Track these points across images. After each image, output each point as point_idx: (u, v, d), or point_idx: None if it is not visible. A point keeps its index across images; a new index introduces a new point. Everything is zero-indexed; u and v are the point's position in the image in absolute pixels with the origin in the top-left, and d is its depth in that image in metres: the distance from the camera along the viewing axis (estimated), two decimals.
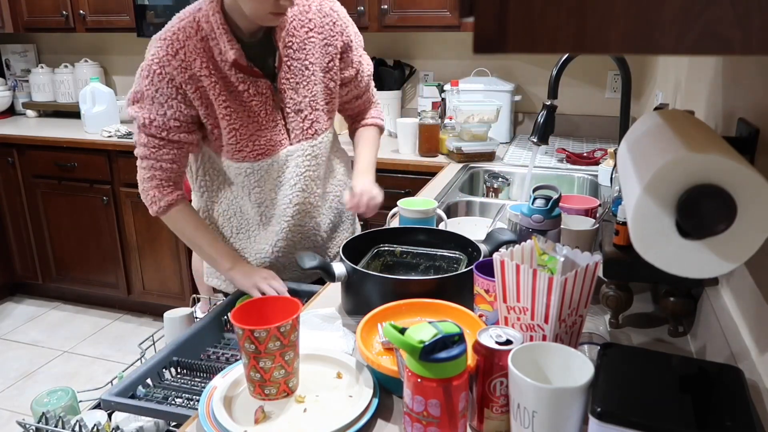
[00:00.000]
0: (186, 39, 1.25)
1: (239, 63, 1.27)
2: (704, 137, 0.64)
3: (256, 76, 1.30)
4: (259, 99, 1.32)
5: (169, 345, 1.23)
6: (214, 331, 1.35)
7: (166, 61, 1.25)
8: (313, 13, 1.36)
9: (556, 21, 0.41)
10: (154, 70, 1.25)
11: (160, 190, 1.34)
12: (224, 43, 1.25)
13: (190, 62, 1.25)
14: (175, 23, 1.27)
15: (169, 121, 1.28)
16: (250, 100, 1.31)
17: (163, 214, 1.37)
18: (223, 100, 1.29)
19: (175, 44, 1.25)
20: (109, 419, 1.29)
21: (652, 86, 2.32)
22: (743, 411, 0.62)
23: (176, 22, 1.28)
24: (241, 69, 1.28)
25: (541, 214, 1.13)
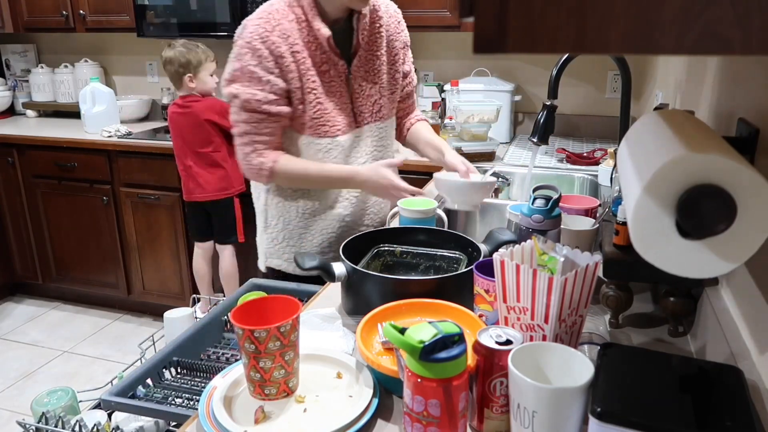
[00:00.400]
0: (280, 18, 1.38)
1: (330, 42, 1.40)
2: (704, 137, 0.64)
3: (337, 58, 1.43)
4: (337, 81, 1.45)
5: (169, 345, 1.23)
6: (214, 331, 1.35)
7: (266, 35, 1.35)
8: (383, 12, 1.51)
9: (556, 21, 0.41)
10: (255, 45, 1.35)
11: (263, 156, 1.43)
12: (318, 23, 1.38)
13: (286, 37, 1.37)
14: (266, 8, 1.39)
15: (268, 95, 1.38)
16: (330, 81, 1.44)
17: (273, 175, 1.45)
18: (312, 74, 1.41)
19: (272, 21, 1.37)
20: (109, 419, 1.29)
21: (652, 86, 2.32)
22: (743, 411, 0.62)
23: (267, 7, 1.39)
24: (330, 48, 1.41)
25: (541, 214, 1.13)
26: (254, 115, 1.39)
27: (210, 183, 2.68)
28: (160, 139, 2.97)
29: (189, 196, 2.73)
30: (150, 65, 3.58)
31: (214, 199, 2.70)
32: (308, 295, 1.32)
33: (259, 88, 1.37)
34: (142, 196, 2.98)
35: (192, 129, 2.63)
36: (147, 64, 3.58)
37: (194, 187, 2.69)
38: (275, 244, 1.58)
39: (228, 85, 1.40)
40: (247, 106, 1.38)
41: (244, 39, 1.37)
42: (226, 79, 1.41)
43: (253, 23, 1.37)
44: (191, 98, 2.64)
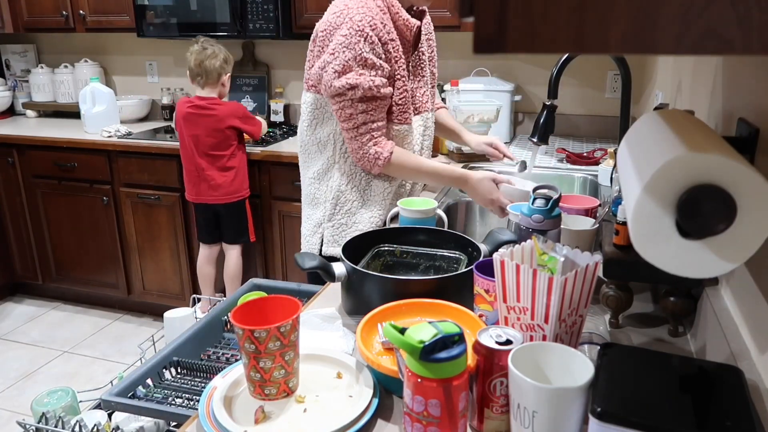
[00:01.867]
0: (373, 8, 1.43)
1: (419, 31, 1.50)
2: (704, 137, 0.64)
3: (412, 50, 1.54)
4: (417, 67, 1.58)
5: (169, 345, 1.23)
6: (214, 332, 1.35)
7: (374, 22, 1.40)
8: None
9: (556, 21, 0.41)
10: (366, 32, 1.38)
11: (379, 146, 1.49)
12: (404, 13, 1.46)
13: (384, 25, 1.43)
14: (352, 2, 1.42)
15: (383, 80, 1.43)
16: (414, 68, 1.56)
17: (387, 165, 1.50)
18: (402, 62, 1.49)
19: (372, 10, 1.42)
20: (109, 419, 1.29)
21: (652, 86, 2.32)
22: (743, 411, 0.62)
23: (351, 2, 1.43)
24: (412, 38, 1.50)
25: (541, 214, 1.13)
26: (372, 102, 1.42)
27: (223, 186, 2.66)
28: (160, 139, 2.97)
29: (198, 197, 2.70)
30: (150, 65, 3.57)
31: (227, 202, 2.70)
32: (308, 295, 1.32)
33: (375, 74, 1.41)
34: (142, 196, 2.98)
35: (212, 132, 2.61)
36: (147, 64, 3.58)
37: (206, 189, 2.67)
38: (343, 229, 1.59)
39: (340, 77, 1.39)
40: (369, 93, 1.40)
41: (352, 27, 1.37)
42: (337, 71, 1.39)
43: (358, 12, 1.39)
44: (213, 101, 2.61)
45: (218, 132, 2.60)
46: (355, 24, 1.37)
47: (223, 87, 2.65)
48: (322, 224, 1.62)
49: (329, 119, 1.53)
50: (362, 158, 1.49)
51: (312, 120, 1.55)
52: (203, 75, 2.59)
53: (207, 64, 2.58)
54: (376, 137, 1.47)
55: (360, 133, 1.46)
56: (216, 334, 1.35)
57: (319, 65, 1.44)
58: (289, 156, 2.67)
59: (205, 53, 2.57)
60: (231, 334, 1.37)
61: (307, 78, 1.52)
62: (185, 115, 2.62)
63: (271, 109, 3.28)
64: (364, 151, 1.48)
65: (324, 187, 1.60)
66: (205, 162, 2.63)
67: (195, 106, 2.61)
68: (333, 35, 1.40)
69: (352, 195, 1.57)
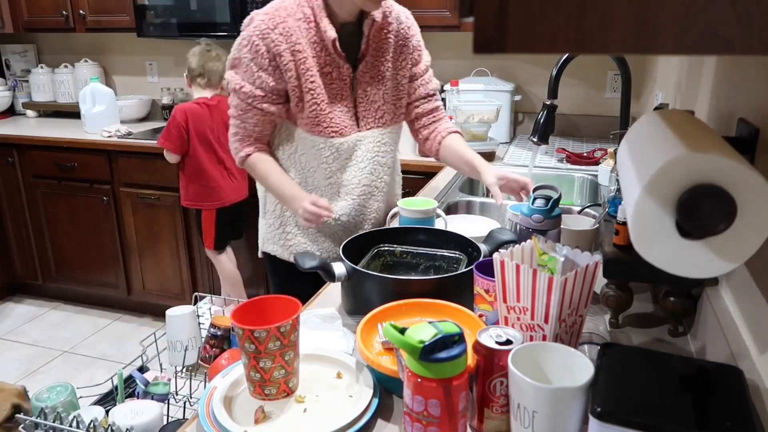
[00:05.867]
0: (287, 16, 1.39)
1: (335, 45, 1.40)
2: (704, 137, 0.64)
3: (342, 62, 1.44)
4: (339, 84, 1.45)
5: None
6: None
7: (267, 33, 1.37)
8: (393, 18, 1.50)
9: (556, 21, 0.41)
10: (253, 41, 1.38)
11: (241, 143, 1.50)
12: (325, 24, 1.39)
13: (288, 36, 1.38)
14: (277, 3, 1.41)
15: (255, 90, 1.41)
16: (331, 83, 1.44)
17: (242, 163, 1.52)
18: (311, 75, 1.41)
19: (276, 19, 1.38)
20: (106, 415, 1.29)
21: (652, 86, 2.32)
22: (743, 411, 0.62)
23: (278, 3, 1.41)
24: (334, 51, 1.41)
25: (541, 214, 1.13)
26: (241, 104, 1.44)
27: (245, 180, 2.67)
28: None
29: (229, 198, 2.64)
30: (150, 65, 3.57)
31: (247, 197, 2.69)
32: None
33: (248, 81, 1.41)
34: (142, 196, 2.98)
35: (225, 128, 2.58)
36: (147, 64, 3.58)
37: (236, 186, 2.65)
38: (272, 229, 1.60)
39: (228, 69, 1.46)
40: (236, 94, 1.44)
41: (247, 32, 1.39)
42: (228, 63, 1.46)
43: (259, 18, 1.39)
44: (217, 98, 2.61)
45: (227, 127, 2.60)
46: (249, 29, 1.39)
47: (222, 90, 2.64)
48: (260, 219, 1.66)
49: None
50: (231, 146, 1.53)
51: None
52: (206, 76, 2.59)
53: (211, 65, 2.58)
54: (240, 135, 1.49)
55: (232, 123, 1.50)
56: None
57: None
58: None
59: (209, 55, 2.58)
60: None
61: None
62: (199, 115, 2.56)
63: None
64: (231, 141, 1.52)
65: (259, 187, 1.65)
66: (228, 161, 2.61)
67: (205, 105, 2.59)
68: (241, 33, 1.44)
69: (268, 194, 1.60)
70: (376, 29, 1.45)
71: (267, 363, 0.83)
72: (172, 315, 1.54)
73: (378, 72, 1.49)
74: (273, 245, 1.61)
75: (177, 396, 1.48)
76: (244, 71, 1.41)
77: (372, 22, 1.43)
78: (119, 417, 1.27)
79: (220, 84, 2.62)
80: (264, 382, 0.85)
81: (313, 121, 1.43)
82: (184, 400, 1.48)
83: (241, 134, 1.49)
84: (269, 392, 0.86)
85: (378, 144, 1.52)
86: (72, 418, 1.23)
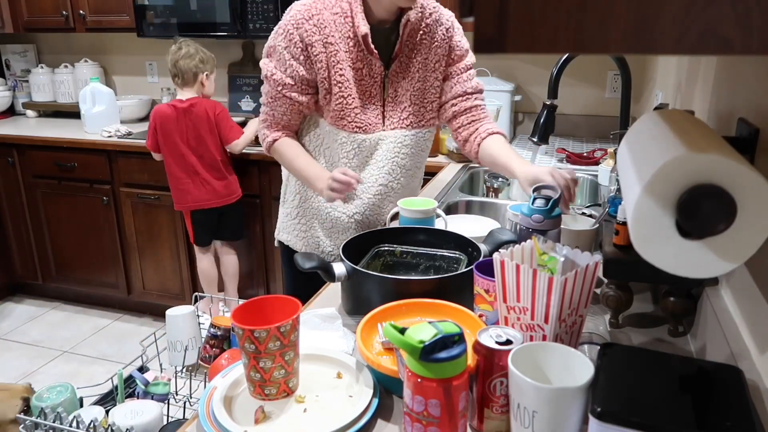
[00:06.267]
0: (323, 9, 1.41)
1: (366, 40, 1.41)
2: (704, 137, 0.64)
3: (374, 59, 1.45)
4: (369, 81, 1.47)
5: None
6: None
7: (301, 22, 1.40)
8: (431, 19, 1.49)
9: (556, 21, 0.41)
10: (288, 29, 1.41)
11: (269, 129, 1.54)
12: (359, 20, 1.40)
13: (322, 27, 1.40)
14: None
15: (286, 78, 1.44)
16: (362, 79, 1.46)
17: (269, 148, 1.56)
18: (341, 68, 1.43)
19: (312, 10, 1.40)
20: (106, 415, 1.29)
21: (652, 86, 2.32)
22: (743, 411, 0.62)
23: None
24: (365, 47, 1.42)
25: (541, 214, 1.13)
26: (272, 91, 1.47)
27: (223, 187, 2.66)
28: None
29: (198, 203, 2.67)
30: (150, 65, 3.57)
31: (230, 203, 2.69)
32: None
33: (280, 69, 1.44)
34: (142, 197, 2.98)
35: (201, 132, 2.58)
36: (147, 64, 3.58)
37: (206, 193, 2.65)
38: (289, 219, 1.64)
39: (263, 57, 1.49)
40: (268, 81, 1.47)
41: (283, 21, 1.43)
42: (264, 52, 1.49)
43: (296, 8, 1.42)
44: (192, 100, 2.59)
45: (206, 131, 2.59)
46: (285, 18, 1.43)
47: (203, 86, 2.62)
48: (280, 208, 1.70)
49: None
50: (258, 133, 1.57)
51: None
52: (179, 75, 2.59)
53: (181, 64, 2.56)
54: (268, 122, 1.52)
55: (263, 111, 1.53)
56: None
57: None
58: None
59: (179, 53, 2.56)
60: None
61: None
62: (169, 118, 2.57)
63: None
64: (259, 127, 1.57)
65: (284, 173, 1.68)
66: (201, 165, 2.61)
67: (178, 109, 2.59)
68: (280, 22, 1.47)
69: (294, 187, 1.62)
70: (411, 29, 1.45)
71: (267, 363, 0.83)
72: (172, 315, 1.53)
73: (408, 73, 1.49)
74: (288, 235, 1.65)
75: (177, 396, 1.48)
76: (278, 59, 1.44)
77: (407, 22, 1.42)
78: (119, 417, 1.27)
79: (196, 82, 2.60)
80: (264, 382, 0.85)
81: (338, 114, 1.46)
82: (184, 400, 1.48)
83: (270, 121, 1.52)
84: (269, 392, 0.86)
85: (399, 145, 1.51)
86: (72, 418, 1.23)
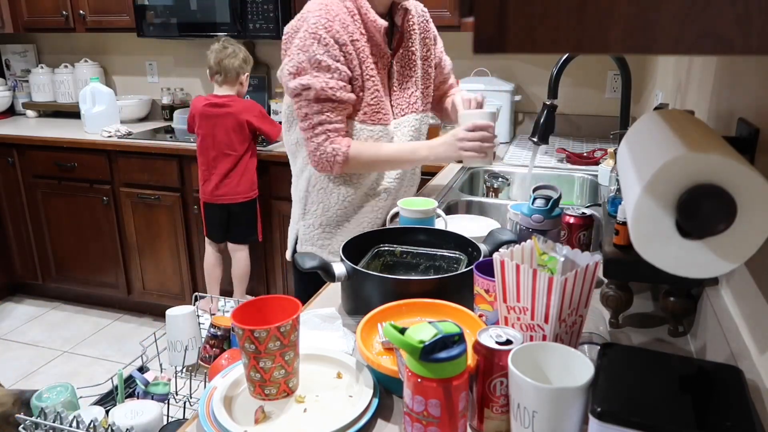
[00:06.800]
0: (337, 10, 1.43)
1: (385, 33, 1.46)
2: (704, 137, 0.64)
3: (386, 49, 1.50)
4: (383, 72, 1.52)
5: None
6: None
7: (329, 25, 1.39)
8: (414, 11, 1.59)
9: (556, 21, 0.41)
10: (320, 34, 1.39)
11: (336, 143, 1.46)
12: (373, 14, 1.44)
13: (345, 27, 1.42)
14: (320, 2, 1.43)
15: (339, 83, 1.41)
16: (377, 72, 1.50)
17: (347, 161, 1.48)
18: (370, 63, 1.47)
19: (332, 12, 1.41)
20: (106, 415, 1.29)
21: (652, 86, 2.32)
22: (743, 411, 0.62)
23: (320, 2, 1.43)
24: (382, 40, 1.47)
25: (541, 214, 1.13)
26: (327, 104, 1.42)
27: (240, 185, 2.67)
28: (160, 139, 2.97)
29: (212, 197, 2.69)
30: (150, 65, 3.58)
31: (241, 201, 2.70)
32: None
33: (329, 76, 1.40)
34: (142, 196, 2.98)
35: (228, 130, 2.61)
36: (147, 64, 3.58)
37: (222, 188, 2.66)
38: (312, 230, 1.62)
39: (294, 78, 1.42)
40: (322, 95, 1.40)
41: (307, 30, 1.39)
42: (291, 72, 1.42)
43: (314, 15, 1.40)
44: (230, 98, 2.62)
45: (234, 130, 2.61)
46: (309, 27, 1.39)
47: (241, 86, 2.68)
48: (298, 222, 1.66)
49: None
50: (320, 159, 1.47)
51: (288, 122, 1.58)
52: (222, 73, 2.62)
53: (226, 62, 2.60)
54: (332, 137, 1.45)
55: (316, 133, 1.45)
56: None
57: (280, 68, 1.48)
58: None
59: (225, 52, 2.60)
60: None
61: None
62: (201, 112, 2.63)
63: (271, 109, 3.28)
64: (321, 150, 1.46)
65: (299, 186, 1.64)
66: (222, 162, 2.63)
67: (212, 104, 2.62)
68: (293, 39, 1.43)
69: (318, 196, 1.59)
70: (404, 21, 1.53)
71: (267, 363, 0.83)
72: (172, 315, 1.53)
73: (410, 60, 1.57)
74: (311, 246, 1.63)
75: (177, 396, 1.48)
76: (317, 69, 1.39)
77: (404, 12, 1.51)
78: (119, 417, 1.27)
79: (238, 81, 2.65)
80: (264, 382, 0.85)
81: (374, 108, 1.48)
82: (184, 400, 1.48)
83: (331, 135, 1.45)
84: (269, 392, 0.86)
85: (413, 129, 1.60)
86: (72, 418, 1.23)
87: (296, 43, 1.41)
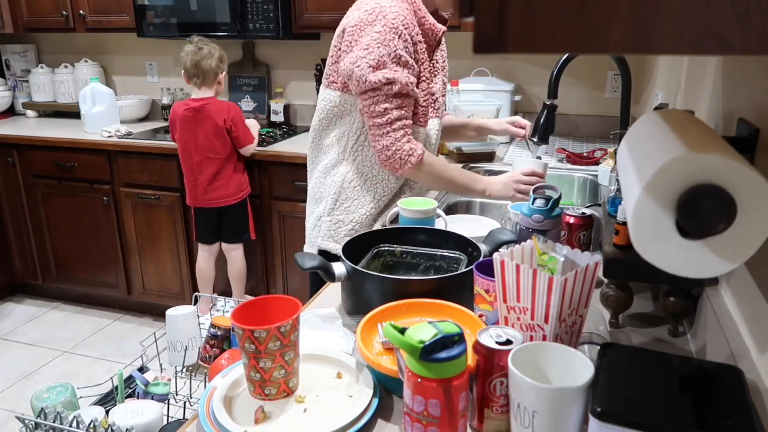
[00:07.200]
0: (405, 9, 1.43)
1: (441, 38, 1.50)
2: (704, 137, 0.64)
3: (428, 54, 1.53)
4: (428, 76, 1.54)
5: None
6: None
7: (406, 22, 1.40)
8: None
9: (556, 21, 0.41)
10: (400, 30, 1.38)
11: (413, 143, 1.47)
12: (432, 19, 1.47)
13: (414, 25, 1.44)
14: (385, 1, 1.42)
15: (413, 79, 1.44)
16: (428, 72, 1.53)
17: (419, 164, 1.48)
18: (425, 65, 1.50)
19: (405, 10, 1.42)
20: (106, 415, 1.29)
21: (652, 86, 2.32)
22: (743, 411, 0.62)
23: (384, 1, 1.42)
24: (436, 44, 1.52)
25: (541, 214, 1.13)
26: (406, 99, 1.42)
27: (230, 187, 2.66)
28: (160, 139, 2.97)
29: (199, 201, 2.69)
30: (150, 65, 3.58)
31: (230, 204, 2.70)
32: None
33: (408, 72, 1.41)
34: (142, 196, 2.98)
35: (209, 134, 2.60)
36: (147, 64, 3.58)
37: (208, 193, 2.66)
38: (339, 226, 1.59)
39: (374, 71, 1.38)
40: (404, 90, 1.40)
41: (386, 25, 1.37)
42: (371, 65, 1.38)
43: (392, 10, 1.39)
44: (208, 101, 2.61)
45: (215, 134, 2.60)
46: (389, 22, 1.37)
47: (219, 86, 2.67)
48: (321, 218, 1.64)
49: (347, 117, 1.53)
50: (393, 156, 1.45)
51: (331, 116, 1.55)
52: (200, 75, 2.60)
53: (203, 64, 2.58)
54: (409, 134, 1.45)
55: (394, 128, 1.43)
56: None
57: (350, 60, 1.41)
58: (289, 156, 2.67)
59: (201, 53, 2.58)
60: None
61: (329, 74, 1.52)
62: (182, 117, 2.61)
63: (271, 109, 3.28)
64: (397, 147, 1.43)
65: (329, 182, 1.61)
66: (205, 165, 2.63)
67: (191, 109, 2.61)
68: (364, 31, 1.39)
69: (354, 192, 1.58)
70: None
71: (267, 363, 0.83)
72: (172, 315, 1.53)
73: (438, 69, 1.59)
74: (335, 243, 1.60)
75: (177, 396, 1.48)
76: (398, 64, 1.39)
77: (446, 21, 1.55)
78: (119, 417, 1.27)
79: (216, 81, 2.63)
80: (264, 382, 0.85)
81: (423, 110, 1.52)
82: (184, 400, 1.48)
83: (409, 133, 1.46)
84: (269, 392, 0.86)
85: (437, 132, 1.62)
86: (72, 418, 1.23)
87: (374, 37, 1.37)
